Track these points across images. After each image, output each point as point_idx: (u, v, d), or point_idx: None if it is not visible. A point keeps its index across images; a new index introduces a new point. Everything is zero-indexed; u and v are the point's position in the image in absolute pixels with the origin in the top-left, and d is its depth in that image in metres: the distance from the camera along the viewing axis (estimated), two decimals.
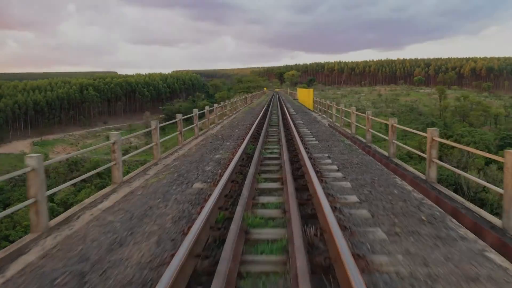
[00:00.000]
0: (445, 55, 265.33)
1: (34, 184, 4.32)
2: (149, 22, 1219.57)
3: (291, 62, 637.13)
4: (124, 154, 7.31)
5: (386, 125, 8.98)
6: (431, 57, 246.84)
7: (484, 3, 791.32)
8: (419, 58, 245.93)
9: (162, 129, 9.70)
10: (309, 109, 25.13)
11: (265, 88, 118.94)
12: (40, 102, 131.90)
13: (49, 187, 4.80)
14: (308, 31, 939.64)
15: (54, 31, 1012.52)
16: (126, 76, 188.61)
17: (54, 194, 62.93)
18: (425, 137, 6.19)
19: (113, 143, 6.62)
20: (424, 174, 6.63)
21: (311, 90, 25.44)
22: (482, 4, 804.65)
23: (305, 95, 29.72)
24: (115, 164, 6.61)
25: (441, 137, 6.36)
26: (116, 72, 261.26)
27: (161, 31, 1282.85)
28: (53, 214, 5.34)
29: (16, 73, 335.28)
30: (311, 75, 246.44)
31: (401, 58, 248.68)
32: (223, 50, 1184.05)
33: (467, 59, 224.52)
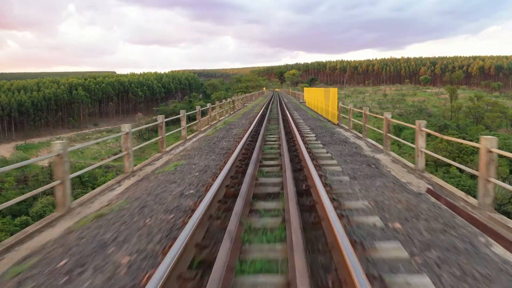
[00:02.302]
0: (445, 55, 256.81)
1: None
2: (149, 22, 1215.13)
3: (291, 61, 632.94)
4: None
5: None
6: (436, 56, 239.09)
7: (484, 3, 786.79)
8: (423, 56, 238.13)
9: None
10: (330, 121, 16.10)
11: (264, 88, 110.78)
12: (25, 103, 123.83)
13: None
14: (308, 31, 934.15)
15: (54, 31, 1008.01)
16: (119, 75, 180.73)
17: (30, 205, 56.27)
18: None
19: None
20: None
21: (333, 90, 16.17)
22: (482, 4, 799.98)
23: (318, 98, 21.20)
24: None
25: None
26: (114, 72, 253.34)
27: (161, 31, 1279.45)
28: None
29: (16, 73, 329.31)
30: (312, 74, 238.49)
31: (405, 57, 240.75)
32: (223, 50, 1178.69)
33: (474, 58, 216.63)
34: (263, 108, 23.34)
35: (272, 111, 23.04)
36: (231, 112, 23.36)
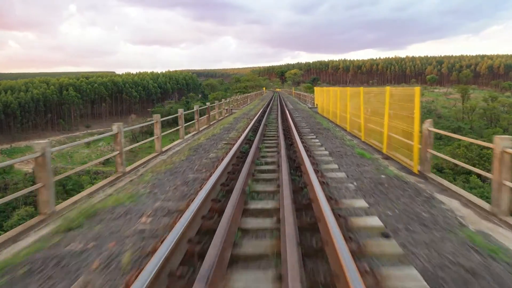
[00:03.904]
0: (447, 54, 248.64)
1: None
2: (150, 23, 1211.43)
3: (292, 61, 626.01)
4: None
5: None
6: (442, 55, 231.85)
7: (485, 3, 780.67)
8: (429, 55, 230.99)
9: None
10: (398, 162, 7.25)
11: (264, 88, 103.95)
12: (11, 104, 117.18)
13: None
14: (309, 31, 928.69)
15: (55, 31, 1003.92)
16: (114, 75, 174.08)
17: (5, 217, 51.74)
18: None
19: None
20: None
21: (409, 91, 6.59)
22: (483, 4, 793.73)
23: (346, 105, 13.06)
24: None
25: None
26: (114, 72, 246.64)
27: (162, 32, 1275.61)
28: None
29: (16, 74, 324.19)
30: (314, 74, 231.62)
31: (410, 56, 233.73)
32: (224, 50, 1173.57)
33: (482, 57, 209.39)
34: (252, 123, 13.13)
35: (267, 132, 12.14)
36: (201, 129, 14.55)
